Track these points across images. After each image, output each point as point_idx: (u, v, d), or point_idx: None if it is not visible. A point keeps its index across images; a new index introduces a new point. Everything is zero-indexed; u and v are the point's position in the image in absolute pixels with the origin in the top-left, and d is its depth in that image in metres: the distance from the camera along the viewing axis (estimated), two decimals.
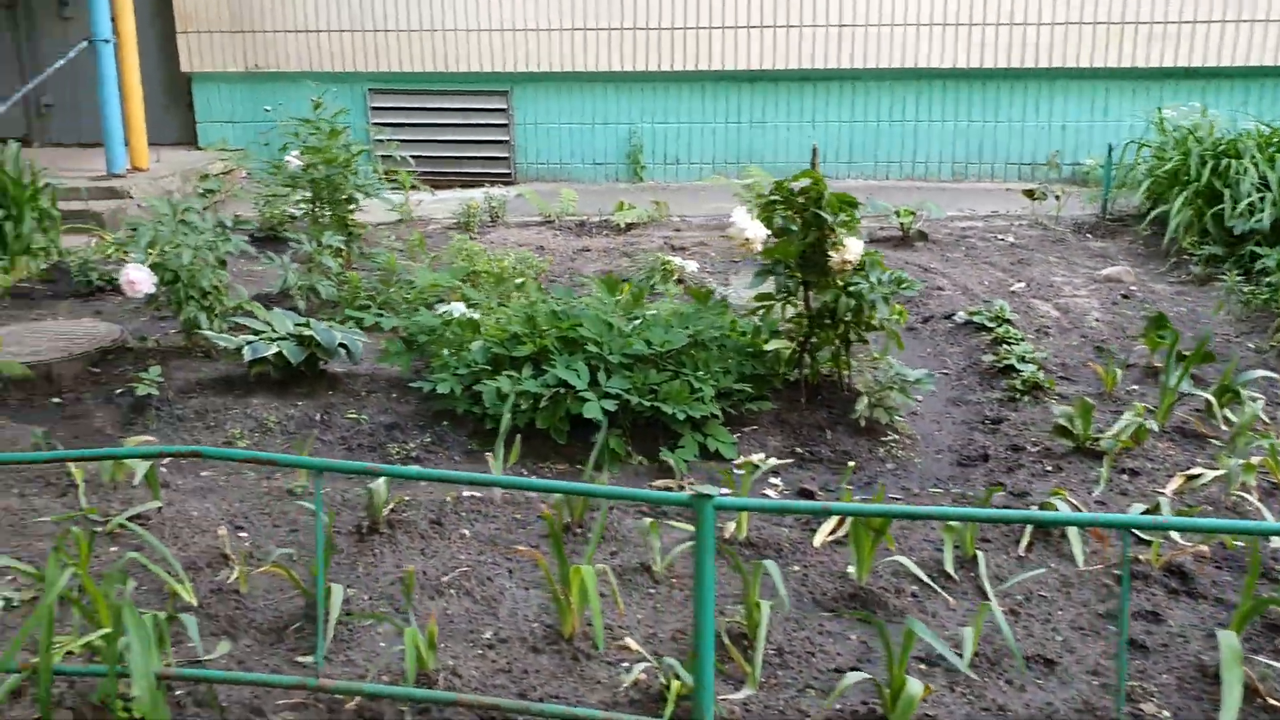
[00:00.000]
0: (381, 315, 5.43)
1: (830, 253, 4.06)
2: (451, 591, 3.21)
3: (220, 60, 9.34)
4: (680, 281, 5.95)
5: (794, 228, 4.08)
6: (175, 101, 9.61)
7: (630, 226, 7.71)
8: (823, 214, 4.10)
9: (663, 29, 8.91)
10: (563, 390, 4.25)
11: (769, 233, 4.06)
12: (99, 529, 3.54)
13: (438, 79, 9.23)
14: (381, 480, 3.50)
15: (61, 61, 7.96)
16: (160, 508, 3.64)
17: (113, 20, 8.08)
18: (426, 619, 2.87)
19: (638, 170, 9.20)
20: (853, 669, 2.83)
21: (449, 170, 9.30)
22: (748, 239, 4.01)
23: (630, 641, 2.88)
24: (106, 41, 7.97)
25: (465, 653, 2.91)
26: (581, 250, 7.27)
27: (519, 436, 4.16)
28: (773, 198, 4.10)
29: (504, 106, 9.25)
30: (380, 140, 7.75)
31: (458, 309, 4.58)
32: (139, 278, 4.60)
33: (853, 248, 3.98)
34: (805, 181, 4.15)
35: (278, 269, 5.61)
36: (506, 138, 9.32)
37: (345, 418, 4.55)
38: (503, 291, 5.28)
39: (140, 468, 3.65)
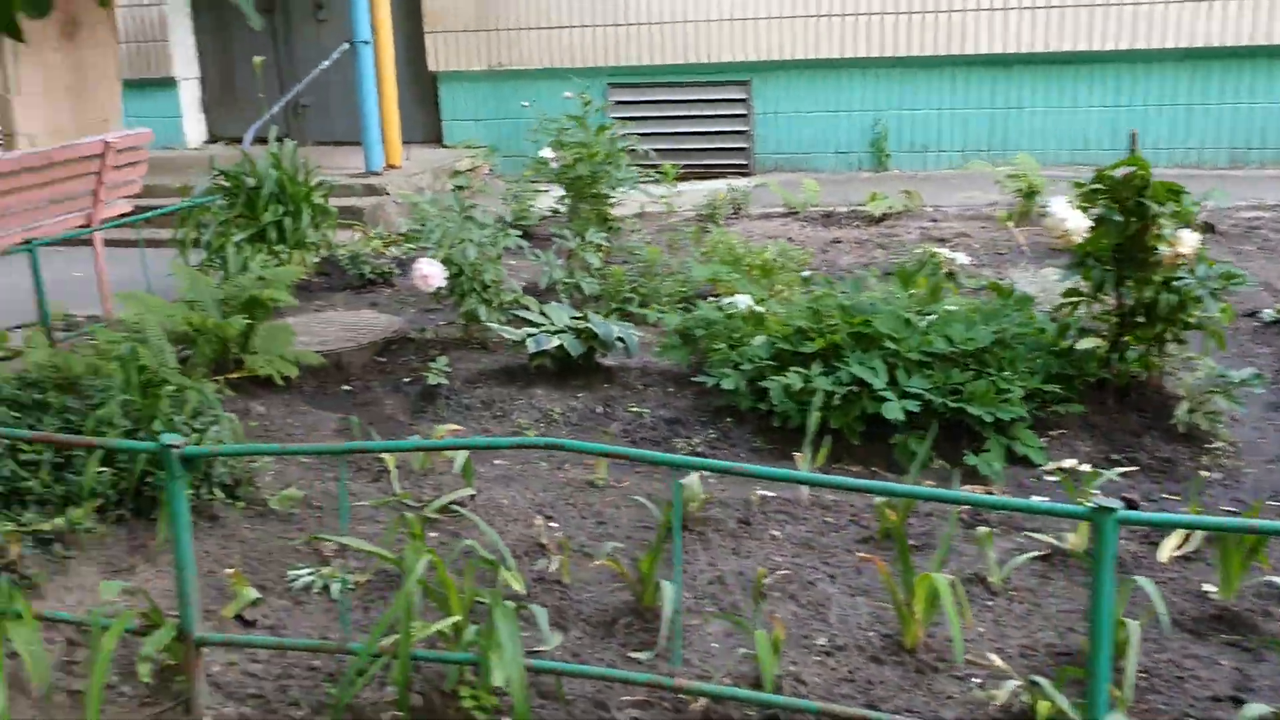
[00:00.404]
0: (647, 310, 5.42)
1: (1158, 245, 3.76)
2: (776, 594, 3.12)
3: (464, 59, 9.60)
4: (950, 275, 5.70)
5: (1117, 218, 3.81)
6: (421, 100, 9.94)
7: (883, 217, 7.48)
8: (1147, 203, 3.81)
9: (911, 13, 8.62)
10: (857, 389, 4.11)
11: (1090, 223, 3.81)
12: (414, 514, 3.63)
13: (677, 71, 9.22)
14: (695, 476, 3.45)
15: (326, 63, 8.34)
16: (473, 495, 3.71)
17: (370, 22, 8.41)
18: (770, 622, 2.79)
19: (882, 159, 8.94)
20: (1231, 698, 2.59)
21: (686, 162, 9.28)
22: (1066, 230, 3.77)
23: (994, 657, 2.72)
24: (366, 43, 8.30)
25: (802, 659, 2.81)
26: (833, 242, 7.10)
27: (815, 436, 4.05)
28: (1094, 186, 3.83)
29: (743, 97, 9.16)
30: (625, 134, 7.78)
31: (742, 302, 4.50)
32: (432, 271, 4.72)
33: (1187, 240, 3.68)
34: (1126, 170, 3.86)
35: (542, 264, 5.68)
36: (745, 128, 9.24)
37: (627, 411, 4.54)
38: (770, 284, 5.18)
39: (459, 456, 3.72)
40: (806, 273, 5.70)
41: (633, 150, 7.90)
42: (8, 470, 3.32)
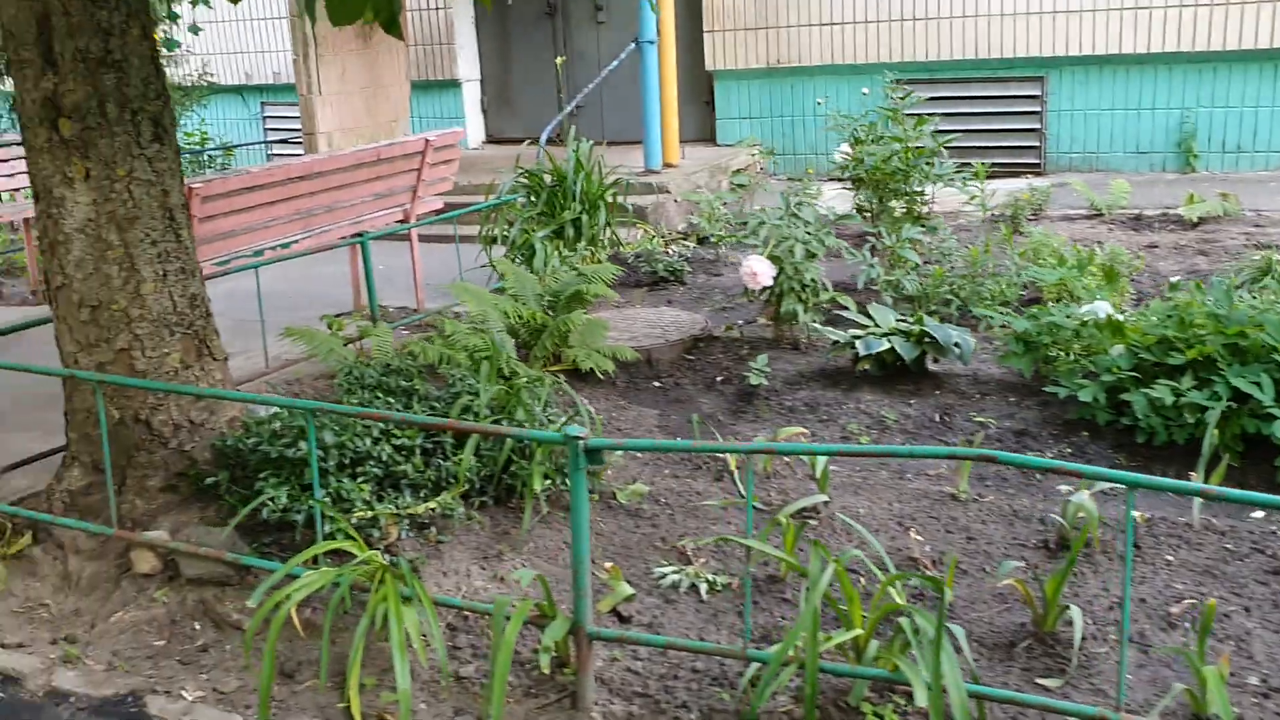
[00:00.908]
0: (978, 312, 5.17)
1: None
2: (1185, 624, 2.86)
3: (741, 57, 9.54)
4: None
5: None
6: (695, 99, 9.95)
7: (1199, 221, 6.93)
8: None
9: (1229, 4, 7.97)
10: (1235, 405, 3.76)
11: None
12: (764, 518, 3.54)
13: (965, 66, 8.86)
14: (1086, 494, 3.21)
15: (614, 64, 8.45)
16: (826, 502, 3.59)
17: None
18: (1218, 657, 2.54)
19: (1189, 159, 8.32)
20: None
21: (972, 160, 8.91)
22: None
23: None
24: (651, 43, 8.35)
25: (1236, 698, 2.55)
26: (1148, 247, 6.62)
27: (1191, 452, 3.73)
28: None
29: (1036, 93, 8.71)
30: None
31: (1101, 309, 4.20)
32: (761, 269, 4.64)
33: None
34: None
35: (858, 263, 5.51)
36: (1037, 125, 8.78)
37: (968, 420, 4.32)
38: (1116, 290, 4.84)
39: (818, 461, 3.60)
40: (1176, 278, 5.31)
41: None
42: (385, 454, 3.43)
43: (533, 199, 6.84)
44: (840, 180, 7.07)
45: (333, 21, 3.42)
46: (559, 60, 7.75)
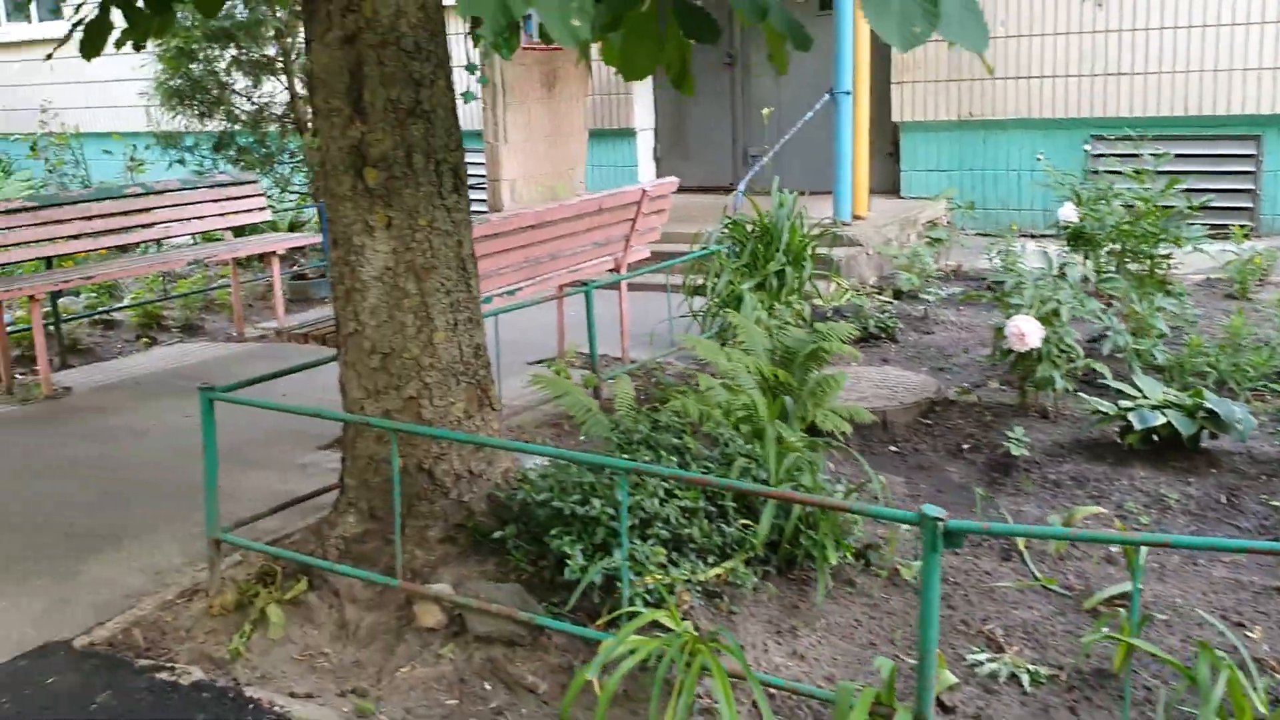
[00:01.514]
0: (1236, 386, 4.89)
1: None
2: None
3: (931, 109, 9.37)
4: None
5: None
6: (879, 150, 9.80)
7: None
8: None
9: None
10: None
11: None
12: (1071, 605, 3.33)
13: (1172, 124, 8.54)
14: None
15: (809, 114, 8.35)
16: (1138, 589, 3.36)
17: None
18: None
19: None
20: None
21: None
22: None
23: None
24: (847, 93, 8.24)
25: None
26: None
27: None
28: None
29: (1251, 152, 8.34)
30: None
31: None
32: (1030, 330, 4.45)
33: None
34: None
35: (1102, 328, 5.26)
36: (1251, 186, 8.40)
37: (1260, 503, 4.04)
38: None
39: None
40: None
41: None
42: (672, 516, 3.33)
43: (738, 249, 6.76)
44: (1054, 238, 6.83)
45: (625, 76, 3.38)
46: (766, 111, 7.71)
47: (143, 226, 7.12)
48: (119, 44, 3.87)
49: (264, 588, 3.65)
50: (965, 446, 4.79)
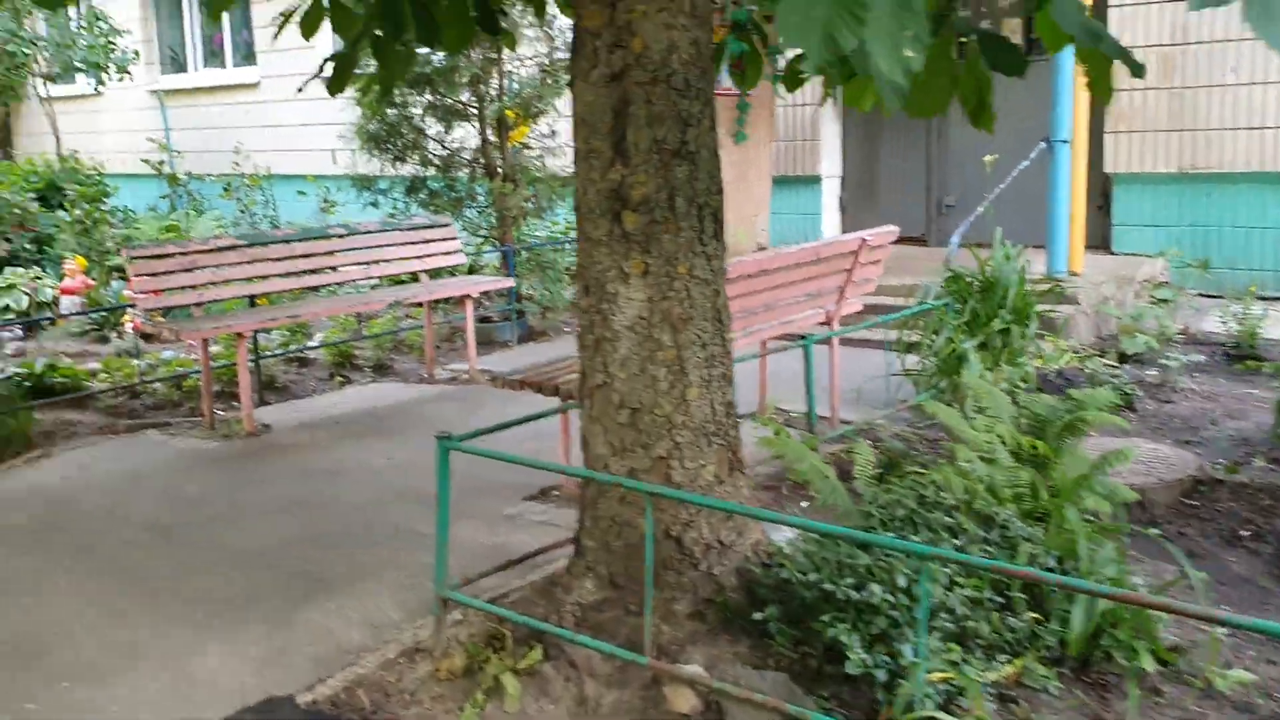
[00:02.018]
0: None
1: None
2: None
3: (1148, 160, 8.79)
4: None
5: None
6: (1089, 203, 9.24)
7: None
8: None
9: None
10: None
11: None
12: None
13: None
14: None
15: (1025, 163, 7.90)
16: None
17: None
18: None
19: None
20: None
21: None
22: None
23: None
24: (1064, 142, 7.78)
25: None
26: None
27: None
28: None
29: None
30: None
31: None
32: None
33: None
34: None
35: None
36: None
37: None
38: None
39: None
40: None
41: None
42: (956, 606, 2.97)
43: (958, 305, 6.35)
44: None
45: (912, 112, 3.09)
46: (989, 159, 7.31)
47: (342, 267, 7.15)
48: (366, 88, 3.79)
49: (493, 652, 3.43)
50: (1244, 534, 4.27)
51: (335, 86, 3.69)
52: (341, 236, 7.18)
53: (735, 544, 3.37)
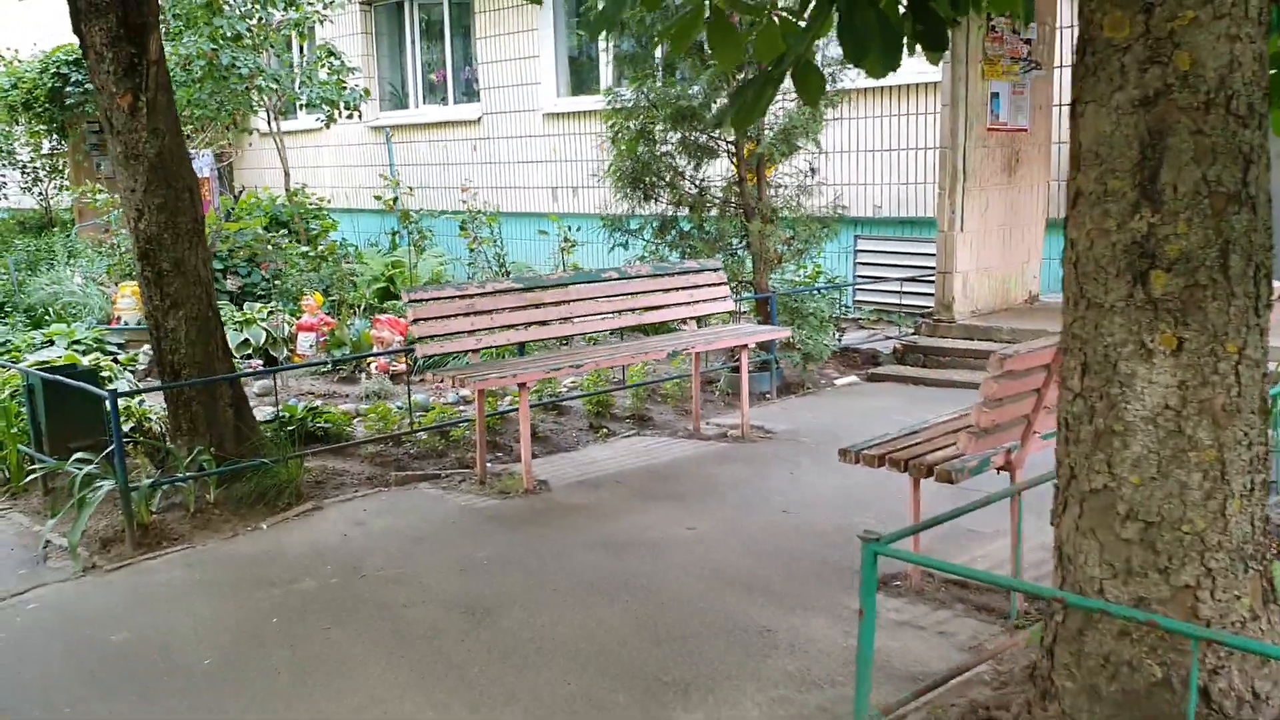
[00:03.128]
0: None
1: None
2: None
3: None
4: None
5: None
6: None
7: None
8: None
9: None
10: None
11: None
12: None
13: None
14: None
15: None
16: None
17: None
18: None
19: None
20: None
21: None
22: None
23: None
24: None
25: None
26: None
27: None
28: None
29: None
30: None
31: None
32: None
33: None
34: None
35: None
36: None
37: None
38: None
39: None
40: None
41: None
42: None
43: None
44: None
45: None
46: None
47: (619, 313, 6.67)
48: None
49: None
50: None
51: (739, 121, 3.15)
52: (615, 280, 6.70)
53: (1271, 695, 2.62)
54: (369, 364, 8.69)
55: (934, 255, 8.90)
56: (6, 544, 5.52)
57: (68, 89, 15.33)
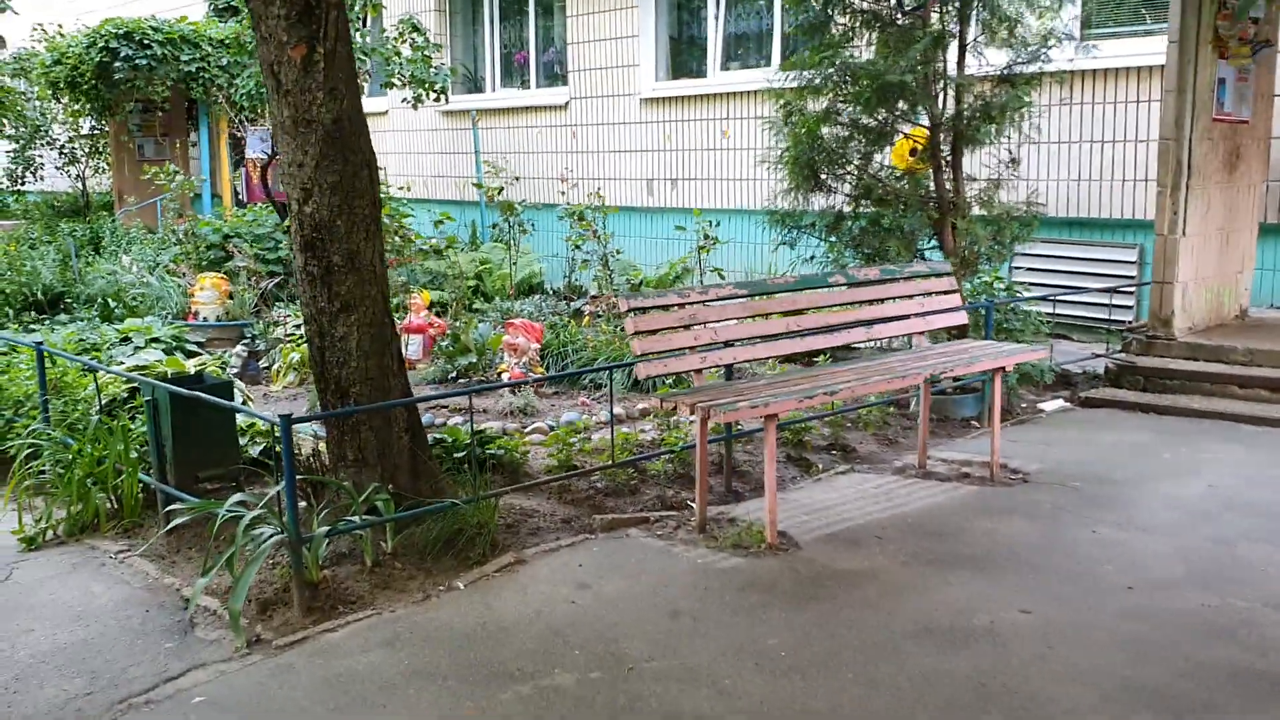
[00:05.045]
0: None
1: None
2: None
3: None
4: None
5: None
6: None
7: None
8: None
9: None
10: None
11: None
12: None
13: None
14: None
15: None
16: None
17: None
18: None
19: None
20: None
21: None
22: None
23: None
24: None
25: None
26: None
27: None
28: None
29: None
30: None
31: None
32: None
33: None
34: None
35: None
36: None
37: None
38: None
39: None
40: None
41: None
42: None
43: None
44: None
45: None
46: None
47: (846, 326, 5.56)
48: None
49: None
50: None
51: None
52: (843, 286, 5.59)
53: None
54: (500, 372, 7.60)
55: (1103, 262, 7.86)
56: (138, 601, 4.43)
57: (116, 64, 14.17)
